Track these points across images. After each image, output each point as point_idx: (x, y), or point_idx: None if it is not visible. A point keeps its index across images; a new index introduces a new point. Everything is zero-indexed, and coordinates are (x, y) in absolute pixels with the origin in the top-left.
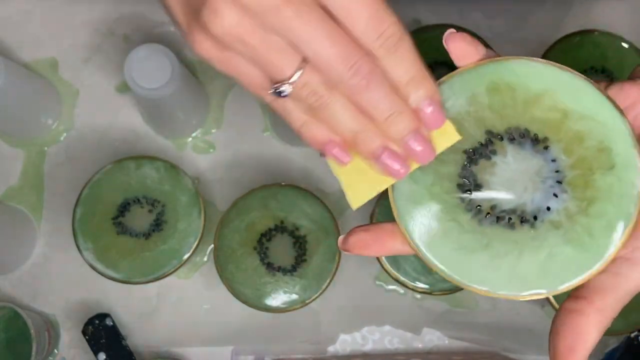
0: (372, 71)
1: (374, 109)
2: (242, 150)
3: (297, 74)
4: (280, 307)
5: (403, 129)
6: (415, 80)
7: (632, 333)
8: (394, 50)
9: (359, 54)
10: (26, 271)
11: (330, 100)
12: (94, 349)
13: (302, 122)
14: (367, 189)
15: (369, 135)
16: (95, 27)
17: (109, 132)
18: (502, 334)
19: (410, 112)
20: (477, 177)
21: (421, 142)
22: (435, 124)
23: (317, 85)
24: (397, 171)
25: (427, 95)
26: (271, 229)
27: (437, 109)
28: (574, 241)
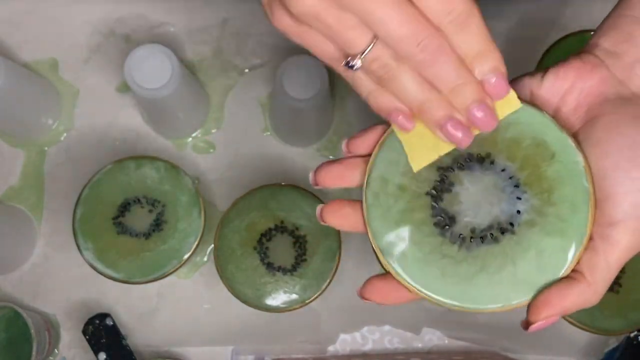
0: (440, 47)
1: (440, 80)
2: (242, 150)
3: (369, 49)
4: (280, 307)
5: (467, 98)
6: (482, 54)
7: (632, 333)
8: (463, 27)
9: (427, 31)
10: (26, 271)
11: (398, 72)
12: (94, 349)
13: (370, 91)
14: (428, 153)
15: (434, 104)
16: (95, 27)
17: (109, 132)
18: (502, 334)
19: (475, 83)
20: (448, 211)
21: (484, 111)
22: (500, 93)
23: (387, 59)
24: (461, 139)
25: (492, 67)
26: (271, 228)
27: (501, 80)
28: (552, 231)
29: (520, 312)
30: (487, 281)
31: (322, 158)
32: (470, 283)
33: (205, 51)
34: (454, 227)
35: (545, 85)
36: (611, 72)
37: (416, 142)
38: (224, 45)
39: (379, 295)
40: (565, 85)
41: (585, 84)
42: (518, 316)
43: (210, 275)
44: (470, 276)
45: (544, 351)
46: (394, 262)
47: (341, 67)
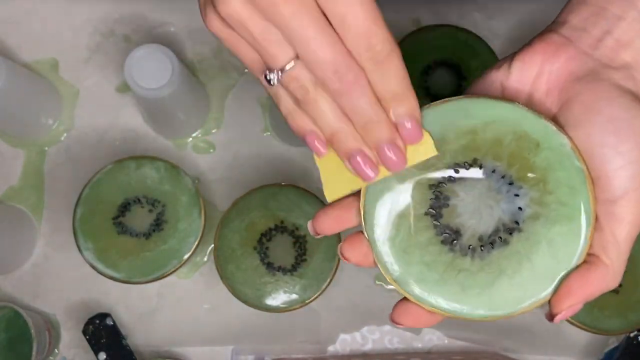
0: (356, 80)
1: (353, 113)
2: (242, 150)
3: (289, 66)
4: (280, 307)
5: (379, 137)
6: (398, 96)
7: (632, 333)
8: (381, 65)
9: (346, 62)
10: (26, 271)
11: (315, 96)
12: (94, 349)
13: (289, 110)
14: (343, 186)
15: (346, 135)
16: (95, 27)
17: (109, 132)
18: (502, 334)
19: (388, 122)
20: (451, 226)
21: (395, 152)
22: (413, 139)
23: (305, 81)
24: (367, 175)
25: (407, 112)
26: (271, 228)
27: (415, 126)
28: (557, 218)
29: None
30: (508, 284)
31: None
32: (492, 290)
33: (205, 51)
34: (461, 240)
35: (514, 75)
36: (578, 48)
37: (333, 173)
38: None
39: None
40: (533, 72)
41: (552, 66)
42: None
43: (210, 275)
44: (491, 283)
45: (544, 351)
46: (412, 290)
47: (264, 80)
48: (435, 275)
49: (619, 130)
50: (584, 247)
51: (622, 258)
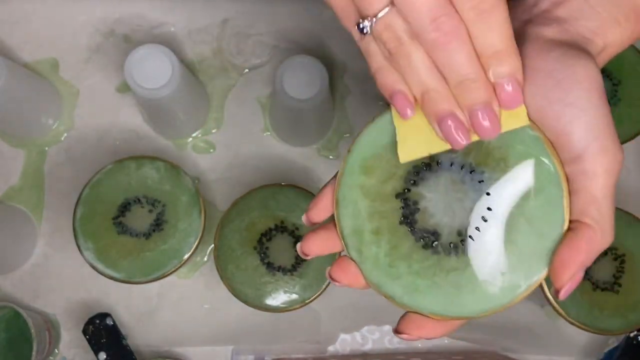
0: (455, 30)
1: (449, 69)
2: (242, 150)
3: (382, 12)
4: (280, 306)
5: (475, 98)
6: (500, 54)
7: (632, 333)
8: (485, 17)
9: (445, 10)
10: (27, 271)
11: (409, 49)
12: (94, 349)
13: (379, 66)
14: (420, 148)
15: (439, 95)
16: (95, 27)
17: (109, 132)
18: (502, 333)
19: (486, 82)
20: (427, 229)
21: (489, 117)
22: (512, 103)
23: (399, 31)
24: (457, 140)
25: (509, 72)
26: (271, 228)
27: (516, 88)
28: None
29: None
30: (500, 273)
31: (322, 158)
32: (482, 286)
33: (205, 51)
34: (441, 240)
35: None
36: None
37: (411, 133)
38: (224, 45)
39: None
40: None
41: None
42: (518, 316)
43: (210, 275)
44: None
45: (544, 351)
46: (411, 303)
47: (356, 34)
48: (427, 282)
49: (560, 81)
50: (564, 214)
51: (606, 213)
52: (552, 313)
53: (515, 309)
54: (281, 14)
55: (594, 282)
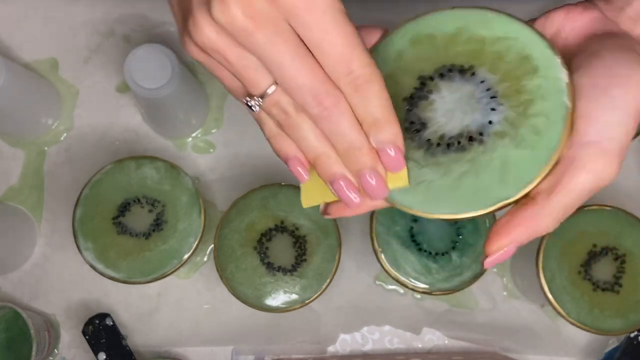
0: (336, 105)
1: (335, 138)
2: (242, 150)
3: (270, 90)
4: (280, 307)
5: (361, 163)
6: (379, 122)
7: (632, 333)
8: (361, 89)
9: (325, 86)
10: (26, 271)
11: (297, 120)
12: (94, 349)
13: (273, 134)
14: (320, 196)
15: (329, 159)
16: (95, 27)
17: (109, 132)
18: (502, 333)
19: (370, 149)
20: (420, 117)
21: (376, 179)
22: (396, 167)
23: (286, 106)
24: (350, 198)
25: (389, 139)
26: (271, 228)
27: (398, 154)
28: (522, 143)
29: (521, 313)
30: (447, 187)
31: None
32: (429, 187)
33: None
34: (423, 133)
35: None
36: (603, 14)
37: (312, 181)
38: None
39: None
40: (553, 28)
41: (575, 23)
42: (518, 316)
43: (210, 276)
44: (430, 180)
45: (544, 351)
46: None
47: (245, 106)
48: None
49: (614, 76)
50: (536, 181)
51: (566, 205)
52: (552, 313)
53: (515, 309)
54: None
55: (594, 283)
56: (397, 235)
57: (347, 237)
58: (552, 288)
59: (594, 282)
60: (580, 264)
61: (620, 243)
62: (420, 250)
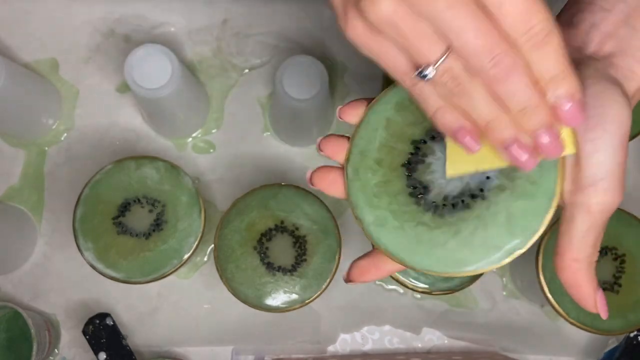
0: (514, 65)
1: (510, 99)
2: (242, 150)
3: (442, 59)
4: (280, 307)
5: (537, 122)
6: (558, 77)
7: (632, 333)
8: (540, 46)
9: (502, 46)
10: (26, 271)
11: (469, 87)
12: (94, 349)
13: (437, 107)
14: (467, 164)
15: (502, 124)
16: (95, 27)
17: (109, 132)
18: (502, 333)
19: (546, 107)
20: (421, 181)
21: (552, 137)
22: (572, 120)
23: (459, 71)
24: (525, 162)
25: (567, 93)
26: (271, 229)
27: (577, 107)
28: (522, 194)
29: (521, 313)
30: (459, 246)
31: (322, 158)
32: (444, 248)
33: (205, 51)
34: (428, 196)
35: None
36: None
37: (460, 151)
38: (224, 45)
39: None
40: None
41: None
42: (518, 316)
43: (210, 275)
44: (444, 242)
45: (544, 351)
46: (374, 233)
47: (409, 81)
48: (396, 223)
49: (589, 117)
50: (542, 228)
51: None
52: (552, 313)
53: (515, 309)
54: (281, 14)
55: None
56: None
57: (347, 237)
58: (552, 288)
59: None
60: None
61: (619, 243)
62: None
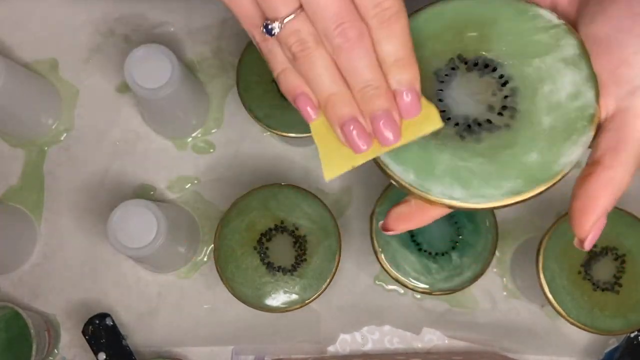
0: (360, 38)
1: (351, 74)
2: (242, 150)
3: (290, 17)
4: (280, 307)
5: (376, 104)
6: (401, 62)
7: (632, 333)
8: (387, 25)
9: (351, 17)
10: (26, 271)
11: (314, 53)
12: (94, 349)
13: (283, 69)
14: (343, 162)
15: (341, 99)
16: (95, 27)
17: (109, 132)
18: (502, 333)
19: (387, 90)
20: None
21: (389, 124)
22: (410, 113)
23: (305, 34)
24: (357, 145)
25: (408, 81)
26: (271, 229)
27: (414, 99)
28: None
29: (521, 313)
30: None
31: None
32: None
33: (205, 51)
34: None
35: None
36: None
37: (332, 149)
38: (224, 45)
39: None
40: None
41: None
42: (518, 316)
43: (210, 276)
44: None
45: (544, 351)
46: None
47: (259, 35)
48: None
49: (635, 14)
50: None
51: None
52: (552, 313)
53: (515, 309)
54: None
55: (594, 283)
56: (397, 236)
57: (347, 237)
58: (552, 288)
59: (594, 282)
60: (580, 264)
61: (620, 243)
62: (420, 250)
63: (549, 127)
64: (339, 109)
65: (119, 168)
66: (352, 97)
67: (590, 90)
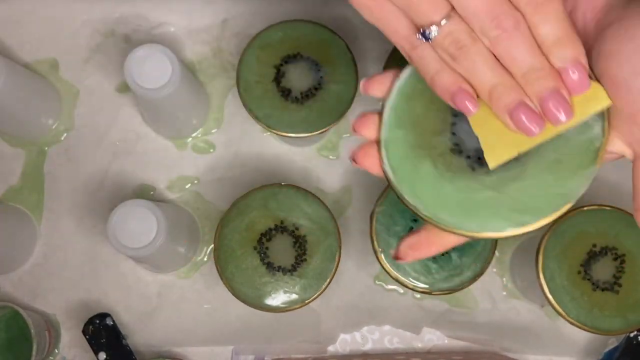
0: (516, 25)
1: (513, 62)
2: (242, 150)
3: (444, 21)
4: (280, 307)
5: (542, 85)
6: (561, 40)
7: (632, 333)
8: (542, 8)
9: (504, 7)
10: (26, 271)
11: (471, 50)
12: (94, 349)
13: (436, 70)
14: (507, 149)
15: (505, 88)
16: (95, 27)
17: (109, 132)
18: (502, 333)
19: (551, 70)
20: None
21: (559, 101)
22: (579, 88)
23: (460, 34)
24: (531, 130)
25: (572, 56)
26: (271, 228)
27: (581, 73)
28: None
29: (521, 313)
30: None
31: (322, 158)
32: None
33: (205, 51)
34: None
35: None
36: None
37: (493, 136)
38: (224, 45)
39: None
40: (569, 6)
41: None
42: (518, 316)
43: (210, 276)
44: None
45: (543, 351)
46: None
47: (409, 45)
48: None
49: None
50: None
51: None
52: (551, 313)
53: (515, 309)
54: (281, 14)
55: (594, 282)
56: (397, 235)
57: (347, 237)
58: (552, 288)
59: (593, 282)
60: (579, 264)
61: (619, 243)
62: None
63: (556, 160)
64: (505, 97)
65: (118, 168)
66: (516, 84)
67: (598, 124)
